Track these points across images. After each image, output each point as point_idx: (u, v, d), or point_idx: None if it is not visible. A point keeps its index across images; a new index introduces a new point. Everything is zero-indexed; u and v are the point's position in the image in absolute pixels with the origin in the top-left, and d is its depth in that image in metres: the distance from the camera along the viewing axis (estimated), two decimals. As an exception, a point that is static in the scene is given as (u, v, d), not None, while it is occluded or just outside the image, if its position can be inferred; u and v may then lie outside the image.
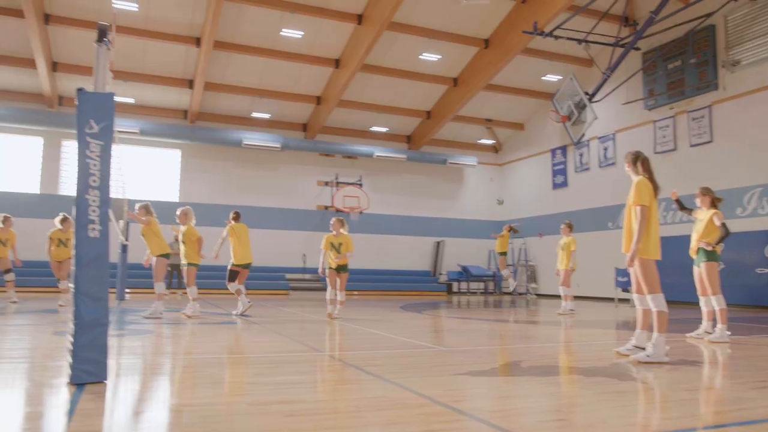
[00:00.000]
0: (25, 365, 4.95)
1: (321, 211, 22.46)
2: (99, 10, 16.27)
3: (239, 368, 4.73)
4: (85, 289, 3.92)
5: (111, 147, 4.11)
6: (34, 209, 18.58)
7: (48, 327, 7.66)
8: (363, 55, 17.86)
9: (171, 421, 3.10)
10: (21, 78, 18.65)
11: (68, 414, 3.20)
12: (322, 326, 8.66)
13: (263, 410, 3.32)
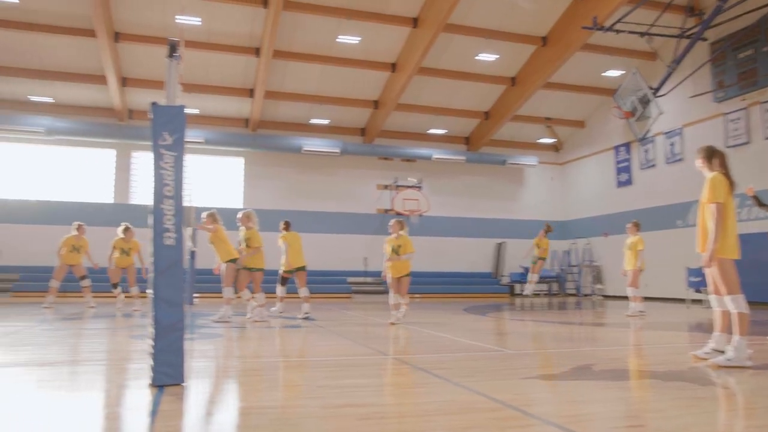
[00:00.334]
0: (106, 367, 5.18)
1: (381, 214, 22.57)
2: (164, 25, 16.90)
3: (308, 371, 4.80)
4: (162, 294, 4.07)
5: (183, 158, 4.26)
6: (109, 218, 19.42)
7: (124, 331, 7.99)
8: (419, 58, 17.88)
9: (248, 423, 3.18)
10: (93, 94, 19.57)
11: (151, 414, 3.33)
12: (386, 329, 8.70)
13: (335, 413, 3.37)
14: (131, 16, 16.73)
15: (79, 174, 20.31)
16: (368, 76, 19.95)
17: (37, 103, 19.80)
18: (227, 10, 16.68)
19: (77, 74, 18.61)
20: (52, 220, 18.38)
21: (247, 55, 18.28)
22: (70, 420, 3.35)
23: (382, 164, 22.90)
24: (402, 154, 22.61)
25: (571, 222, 24.21)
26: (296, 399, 3.73)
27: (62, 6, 16.16)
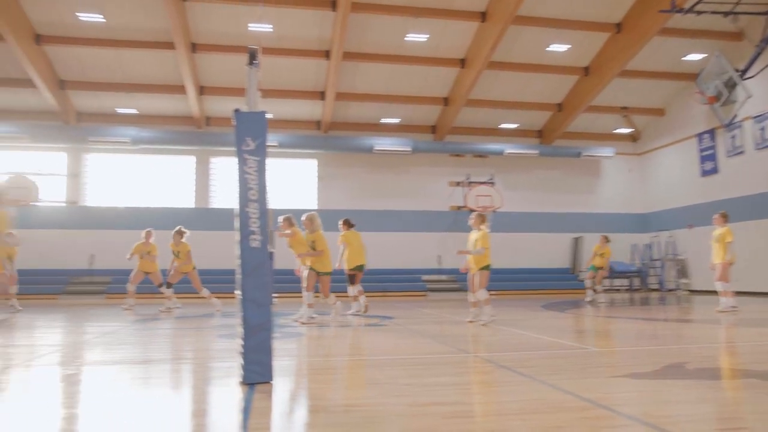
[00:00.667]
0: (197, 366, 5.40)
1: (454, 211, 22.45)
2: (238, 34, 17.44)
3: (391, 370, 4.84)
4: (250, 295, 4.21)
5: (266, 162, 4.39)
6: (191, 222, 20.26)
7: (212, 330, 8.30)
8: (488, 53, 17.67)
9: (337, 420, 3.23)
10: (174, 103, 20.45)
11: (244, 411, 3.45)
12: (465, 327, 8.64)
13: (422, 412, 3.38)
14: (207, 27, 17.35)
15: (163, 180, 21.27)
16: (437, 73, 19.89)
17: (123, 115, 20.88)
18: (297, 16, 17.03)
19: (158, 85, 19.50)
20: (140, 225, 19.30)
21: (318, 58, 18.61)
22: (167, 415, 3.52)
23: (454, 161, 22.76)
24: (473, 150, 22.40)
25: (652, 214, 23.28)
26: (382, 397, 3.77)
27: (143, 21, 16.95)
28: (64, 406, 3.77)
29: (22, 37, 16.58)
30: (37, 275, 19.41)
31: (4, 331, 8.40)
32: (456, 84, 20.24)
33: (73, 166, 20.90)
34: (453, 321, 9.98)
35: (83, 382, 4.62)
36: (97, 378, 4.79)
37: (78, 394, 4.21)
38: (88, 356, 5.92)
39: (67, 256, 19.58)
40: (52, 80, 18.75)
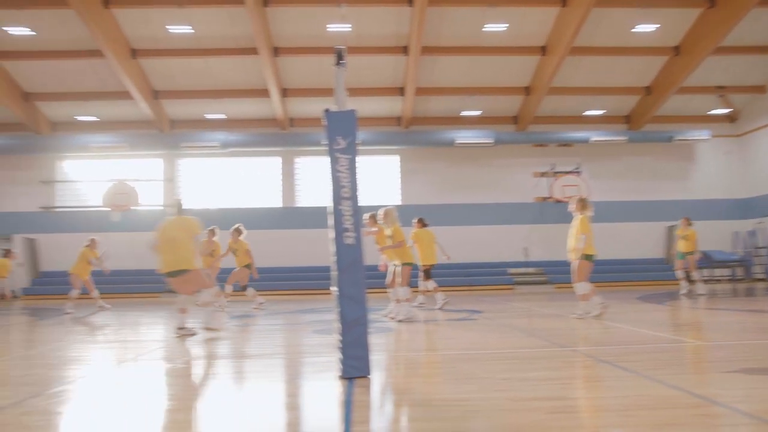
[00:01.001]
0: (296, 360, 5.55)
1: (539, 203, 21.96)
2: (317, 36, 17.79)
3: (488, 364, 4.79)
4: (346, 291, 4.28)
5: (356, 160, 4.44)
6: (278, 221, 20.97)
7: (306, 326, 8.51)
8: (571, 38, 17.14)
9: (438, 415, 3.23)
10: (258, 106, 21.11)
11: (346, 405, 3.51)
12: (557, 321, 8.43)
13: (525, 407, 3.33)
14: (287, 31, 17.80)
15: (251, 181, 22.03)
16: (517, 62, 19.51)
17: (212, 120, 21.78)
18: (374, 13, 17.16)
19: (244, 90, 20.20)
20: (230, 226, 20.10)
21: (396, 54, 18.68)
22: (271, 408, 3.64)
23: (538, 151, 22.25)
24: (558, 139, 21.81)
25: (755, 199, 21.86)
26: (483, 392, 3.73)
27: (228, 29, 17.59)
28: (172, 398, 3.98)
29: (120, 53, 17.61)
30: (140, 275, 20.55)
31: (115, 329, 8.96)
32: (537, 72, 19.77)
33: (168, 171, 22.01)
34: (544, 314, 9.76)
35: (190, 376, 4.86)
36: (201, 372, 5.02)
37: (186, 388, 4.42)
38: (192, 351, 6.22)
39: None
40: (147, 91, 19.80)
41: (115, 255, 20.90)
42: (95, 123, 21.86)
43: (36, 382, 4.50)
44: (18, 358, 5.87)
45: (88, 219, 21.35)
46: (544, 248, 21.54)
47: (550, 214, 21.89)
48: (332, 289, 4.44)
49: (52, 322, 10.14)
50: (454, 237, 21.25)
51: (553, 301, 13.47)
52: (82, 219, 21.41)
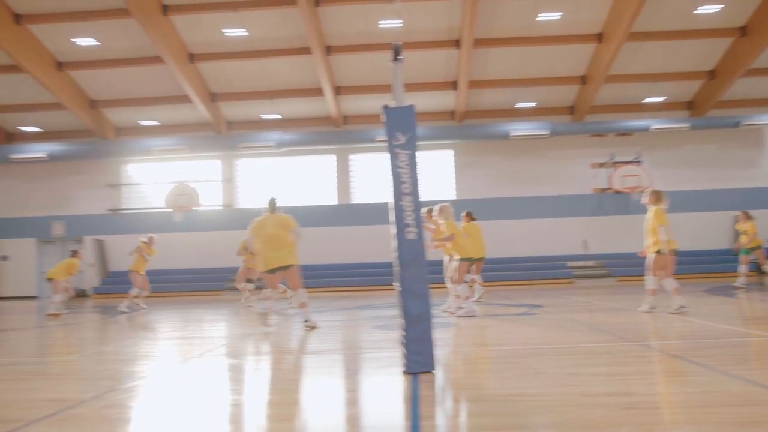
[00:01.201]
0: (359, 356, 5.60)
1: (598, 194, 21.44)
2: (368, 33, 17.86)
3: (553, 359, 4.71)
4: (409, 287, 4.29)
5: (416, 155, 4.43)
6: (334, 218, 21.19)
7: (366, 322, 8.56)
8: (628, 24, 16.62)
9: (507, 410, 3.20)
10: (312, 105, 21.36)
11: (413, 400, 3.52)
12: (622, 315, 8.22)
13: (597, 402, 3.25)
14: (339, 29, 17.93)
15: (306, 180, 22.32)
16: (573, 50, 19.08)
17: (268, 121, 22.17)
18: (425, 8, 17.09)
19: (297, 89, 20.49)
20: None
21: (448, 48, 18.57)
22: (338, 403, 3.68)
23: (595, 141, 21.71)
24: (616, 129, 21.20)
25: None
26: (551, 387, 3.67)
27: (281, 31, 17.86)
28: (239, 393, 4.07)
29: (178, 58, 18.13)
30: (201, 273, 21.19)
31: (180, 326, 9.25)
32: (594, 60, 19.28)
33: (226, 171, 22.54)
34: (607, 308, 9.53)
35: (254, 372, 4.97)
36: (264, 368, 5.13)
37: (251, 383, 4.53)
38: (256, 348, 6.35)
39: (225, 256, 21.12)
40: (205, 94, 20.32)
41: (178, 254, 21.68)
42: (156, 127, 22.60)
43: (112, 377, 4.69)
44: (93, 354, 6.13)
45: (152, 220, 22.10)
46: (603, 240, 21.04)
47: (609, 205, 21.35)
48: (395, 285, 4.45)
49: (122, 320, 10.54)
50: (511, 231, 21.05)
51: (616, 294, 13.14)
52: (146, 220, 22.19)
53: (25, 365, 5.67)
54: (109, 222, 22.55)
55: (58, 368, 5.36)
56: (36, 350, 7.01)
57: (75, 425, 3.15)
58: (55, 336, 8.36)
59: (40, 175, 22.86)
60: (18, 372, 5.16)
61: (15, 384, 4.51)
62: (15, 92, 20.54)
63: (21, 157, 21.69)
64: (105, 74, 19.83)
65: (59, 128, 22.69)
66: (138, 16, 15.92)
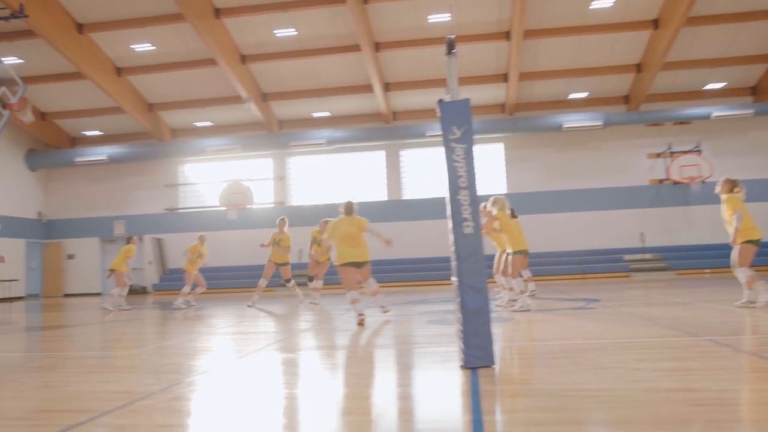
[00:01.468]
0: (416, 350, 5.61)
1: (655, 185, 20.83)
2: (417, 28, 17.81)
3: (615, 354, 4.62)
4: (467, 281, 4.27)
5: (473, 149, 4.41)
6: (384, 214, 21.25)
7: (419, 317, 8.57)
8: (687, 8, 16.05)
9: (572, 405, 3.15)
10: (362, 102, 21.47)
11: (473, 395, 3.50)
12: (683, 309, 7.97)
13: (664, 398, 3.17)
14: (388, 25, 17.94)
15: (356, 176, 22.46)
16: (627, 38, 18.56)
17: (318, 119, 22.40)
18: (474, 1, 16.91)
19: (347, 87, 20.62)
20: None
21: (498, 40, 18.35)
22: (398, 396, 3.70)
23: (652, 131, 21.09)
24: (674, 117, 20.53)
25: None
26: (615, 382, 3.60)
27: (330, 29, 18.00)
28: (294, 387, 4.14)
29: (231, 60, 18.51)
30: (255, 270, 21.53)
31: (236, 321, 9.46)
32: (649, 47, 18.70)
33: (277, 169, 22.89)
34: (667, 302, 9.26)
35: (315, 366, 5.04)
36: (325, 362, 5.20)
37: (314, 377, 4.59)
38: (314, 342, 6.45)
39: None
40: (257, 94, 20.67)
41: (232, 251, 22.17)
42: (210, 128, 23.16)
43: (176, 371, 4.84)
44: (157, 348, 6.34)
45: (207, 218, 22.68)
46: (662, 233, 20.42)
47: (667, 196, 20.71)
48: (452, 279, 4.44)
49: (179, 316, 10.86)
50: (564, 224, 20.69)
51: (675, 288, 12.75)
52: (201, 219, 22.79)
53: (93, 359, 5.92)
54: (167, 221, 23.25)
55: (124, 362, 5.57)
56: (102, 344, 7.30)
57: (144, 416, 3.27)
58: (119, 331, 8.69)
59: (101, 176, 23.77)
60: (87, 365, 5.38)
61: (86, 376, 4.71)
62: (78, 98, 21.42)
63: (84, 160, 22.63)
64: (161, 78, 20.43)
65: (119, 131, 23.53)
66: (192, 20, 16.33)
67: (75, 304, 17.23)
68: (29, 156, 23.05)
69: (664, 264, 19.38)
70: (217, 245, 22.20)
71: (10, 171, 22.30)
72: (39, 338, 8.12)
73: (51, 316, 12.69)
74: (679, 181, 19.87)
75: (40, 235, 23.68)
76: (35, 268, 23.40)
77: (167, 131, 23.12)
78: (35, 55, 18.92)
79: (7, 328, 9.28)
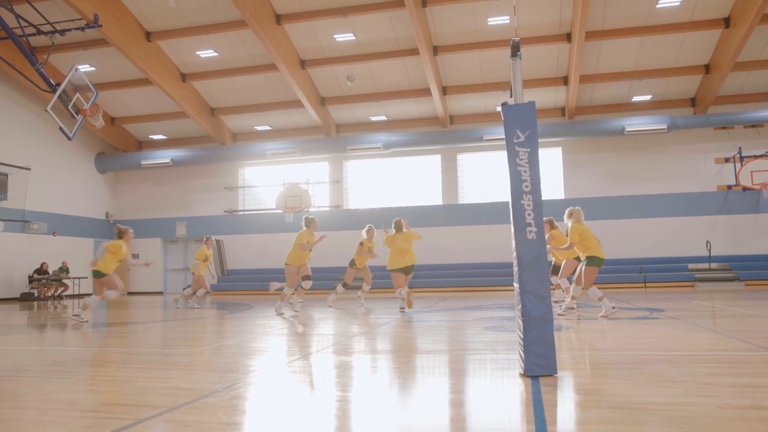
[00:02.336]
0: (474, 357, 5.54)
1: (723, 191, 20.00)
2: (476, 31, 17.67)
3: (685, 366, 4.44)
4: (529, 288, 4.19)
5: (537, 152, 4.33)
6: (440, 219, 21.18)
7: (476, 323, 8.47)
8: (762, 5, 15.33)
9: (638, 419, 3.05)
10: (419, 106, 21.47)
11: (536, 404, 3.42)
12: (754, 321, 7.60)
13: (738, 415, 3.02)
14: (446, 29, 17.88)
15: (412, 180, 22.45)
16: (695, 38, 17.90)
17: (375, 122, 22.52)
18: (534, 2, 16.68)
19: (404, 91, 20.66)
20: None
21: (558, 42, 18.03)
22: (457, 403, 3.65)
23: (720, 135, 20.26)
24: (744, 120, 19.66)
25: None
26: (684, 396, 3.46)
27: (388, 33, 18.09)
28: (348, 389, 4.15)
29: (291, 65, 18.84)
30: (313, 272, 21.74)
31: (293, 325, 9.58)
32: (719, 47, 17.98)
33: (334, 173, 23.12)
34: (736, 314, 8.86)
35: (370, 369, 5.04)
36: (382, 366, 5.19)
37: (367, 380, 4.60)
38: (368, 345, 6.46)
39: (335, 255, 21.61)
40: (315, 98, 20.97)
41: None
42: (270, 132, 23.62)
43: (238, 369, 4.94)
44: (219, 348, 6.49)
45: (265, 221, 23.12)
46: (729, 241, 19.57)
47: (736, 203, 19.86)
48: (514, 286, 4.37)
49: (239, 316, 11.08)
50: (625, 231, 20.09)
51: (744, 299, 12.19)
52: (260, 221, 23.24)
53: (157, 355, 6.10)
54: (227, 223, 23.82)
55: (188, 359, 5.72)
56: (165, 342, 7.52)
57: (210, 413, 3.34)
58: (180, 329, 8.95)
59: (165, 179, 24.57)
60: (152, 362, 5.56)
61: (152, 372, 4.86)
62: (145, 103, 22.25)
63: (149, 163, 23.46)
64: (223, 83, 20.98)
65: (182, 135, 24.29)
66: (254, 26, 16.70)
67: (138, 302, 17.85)
68: (98, 159, 24.06)
69: (732, 274, 18.56)
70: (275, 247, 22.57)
71: (80, 173, 23.33)
72: (106, 335, 8.44)
73: (116, 313, 13.19)
74: (750, 187, 18.99)
75: (108, 235, 24.66)
76: (103, 266, 24.34)
77: (228, 135, 23.70)
78: (107, 63, 19.77)
79: (76, 324, 9.69)
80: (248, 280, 21.92)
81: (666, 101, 20.61)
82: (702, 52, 18.49)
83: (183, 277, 24.35)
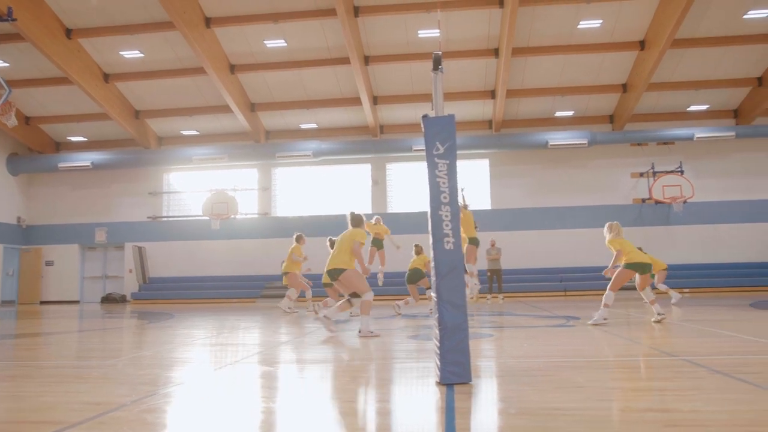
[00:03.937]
0: (392, 366, 5.57)
1: (638, 204, 21.04)
2: (407, 43, 17.91)
3: (591, 372, 4.62)
4: (446, 297, 4.26)
5: (456, 165, 4.41)
6: (370, 228, 21.17)
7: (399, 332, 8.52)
8: (672, 30, 16.31)
9: (546, 425, 3.14)
10: (349, 115, 21.53)
11: (447, 412, 3.48)
12: (660, 328, 8.01)
13: (638, 419, 3.17)
14: (378, 39, 18.05)
15: (342, 189, 22.43)
16: (614, 58, 18.82)
17: (305, 130, 22.40)
18: (464, 17, 17.08)
19: (335, 99, 20.68)
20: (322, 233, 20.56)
21: (486, 57, 18.51)
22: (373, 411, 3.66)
23: (635, 151, 21.34)
24: (657, 138, 20.81)
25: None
26: (589, 401, 3.59)
27: (320, 41, 18.07)
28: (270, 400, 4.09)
29: (220, 69, 18.49)
30: (238, 281, 21.43)
31: (215, 332, 9.36)
32: (635, 68, 18.97)
33: (263, 180, 22.82)
34: (647, 322, 9.30)
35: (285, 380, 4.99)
36: (297, 376, 5.14)
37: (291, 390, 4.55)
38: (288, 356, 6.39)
39: (262, 263, 21.36)
40: (245, 104, 20.65)
41: (215, 261, 22.01)
42: (197, 136, 23.07)
43: (151, 382, 4.77)
44: (133, 359, 6.25)
45: (190, 228, 22.52)
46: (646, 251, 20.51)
47: (649, 216, 20.92)
48: (431, 295, 4.42)
49: (160, 325, 10.73)
50: (547, 241, 20.78)
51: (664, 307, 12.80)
52: (185, 228, 22.62)
53: (67, 368, 5.81)
54: (150, 229, 23.05)
55: (98, 371, 5.48)
56: (77, 354, 7.18)
57: (115, 428, 3.21)
58: (96, 340, 8.57)
59: (84, 183, 23.55)
60: (60, 375, 5.29)
61: (58, 386, 4.62)
62: (64, 103, 21.27)
63: (68, 166, 22.40)
64: (149, 85, 20.35)
65: (104, 137, 23.37)
66: (182, 28, 16.31)
67: (52, 311, 16.98)
68: (10, 160, 22.80)
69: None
70: (200, 255, 22.02)
71: (-9, 175, 22.05)
72: (12, 347, 7.97)
73: (26, 323, 12.49)
74: (661, 200, 20.06)
75: (19, 240, 23.37)
76: (11, 274, 23.04)
77: (153, 139, 22.99)
78: (22, 59, 18.80)
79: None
80: (171, 289, 21.27)
81: (587, 117, 21.52)
82: (620, 72, 19.44)
83: (102, 284, 23.36)
